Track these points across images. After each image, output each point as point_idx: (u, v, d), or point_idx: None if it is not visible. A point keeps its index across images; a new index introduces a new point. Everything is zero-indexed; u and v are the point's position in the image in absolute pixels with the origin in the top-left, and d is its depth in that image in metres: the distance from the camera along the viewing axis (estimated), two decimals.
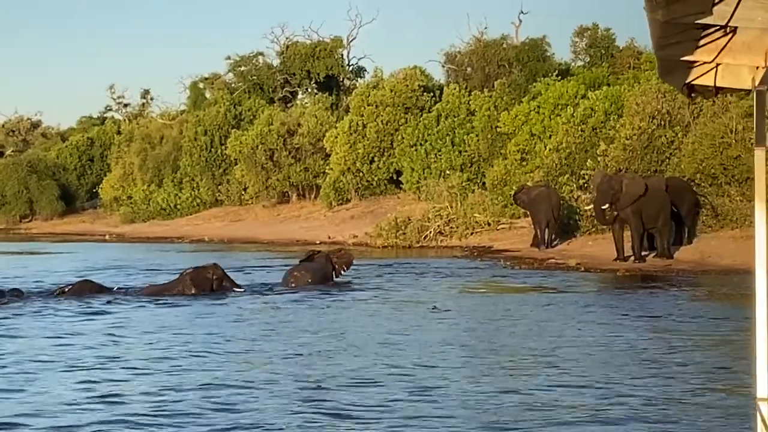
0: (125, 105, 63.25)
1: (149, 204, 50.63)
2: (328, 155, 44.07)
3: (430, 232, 33.21)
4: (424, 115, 41.78)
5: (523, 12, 46.43)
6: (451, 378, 11.36)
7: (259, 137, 46.00)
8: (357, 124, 42.75)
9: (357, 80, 53.48)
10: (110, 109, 64.45)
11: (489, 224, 32.60)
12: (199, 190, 49.65)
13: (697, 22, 3.47)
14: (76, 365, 12.47)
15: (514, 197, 29.97)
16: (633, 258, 24.39)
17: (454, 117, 40.22)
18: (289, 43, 52.81)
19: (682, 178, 26.91)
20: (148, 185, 51.79)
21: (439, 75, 48.12)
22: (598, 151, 30.18)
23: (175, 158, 51.01)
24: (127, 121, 61.22)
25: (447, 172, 37.55)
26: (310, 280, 20.86)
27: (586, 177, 28.89)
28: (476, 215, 32.84)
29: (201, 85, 55.82)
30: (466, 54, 45.69)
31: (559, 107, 35.15)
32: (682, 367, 11.84)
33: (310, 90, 53.08)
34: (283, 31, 53.27)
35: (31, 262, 29.76)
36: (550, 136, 33.93)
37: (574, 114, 33.39)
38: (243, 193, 47.74)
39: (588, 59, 44.46)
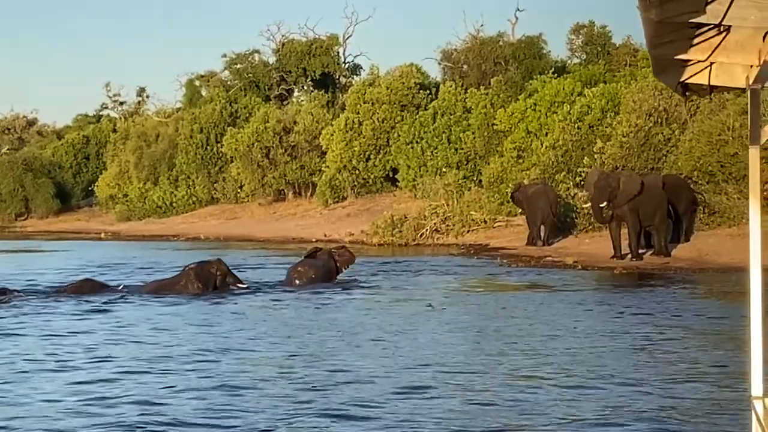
0: (121, 103, 63.36)
1: (145, 202, 50.60)
2: (324, 153, 44.07)
3: (427, 230, 33.18)
4: (421, 112, 41.75)
5: (519, 9, 46.49)
6: (446, 377, 11.33)
7: (255, 135, 45.98)
8: (353, 122, 42.72)
9: (353, 78, 53.50)
10: (106, 107, 64.58)
11: (485, 222, 32.58)
12: (195, 187, 49.63)
13: (690, 21, 3.46)
14: (69, 365, 12.41)
15: (511, 195, 29.98)
16: (630, 256, 24.38)
17: (451, 114, 40.18)
18: (285, 40, 52.84)
19: (679, 175, 26.88)
20: (144, 183, 51.77)
21: (436, 72, 48.26)
22: (594, 149, 30.21)
23: (171, 156, 50.97)
24: (122, 118, 61.22)
25: (443, 169, 37.54)
26: (313, 276, 20.78)
27: (583, 174, 28.88)
28: (472, 213, 32.81)
29: (197, 83, 55.80)
30: (463, 51, 45.71)
31: (556, 105, 35.13)
32: (680, 366, 11.83)
33: (306, 87, 53.11)
34: (279, 28, 53.52)
35: (26, 261, 29.71)
36: (547, 133, 33.92)
37: (571, 111, 33.38)
38: (239, 190, 47.73)
39: (584, 57, 44.51)
